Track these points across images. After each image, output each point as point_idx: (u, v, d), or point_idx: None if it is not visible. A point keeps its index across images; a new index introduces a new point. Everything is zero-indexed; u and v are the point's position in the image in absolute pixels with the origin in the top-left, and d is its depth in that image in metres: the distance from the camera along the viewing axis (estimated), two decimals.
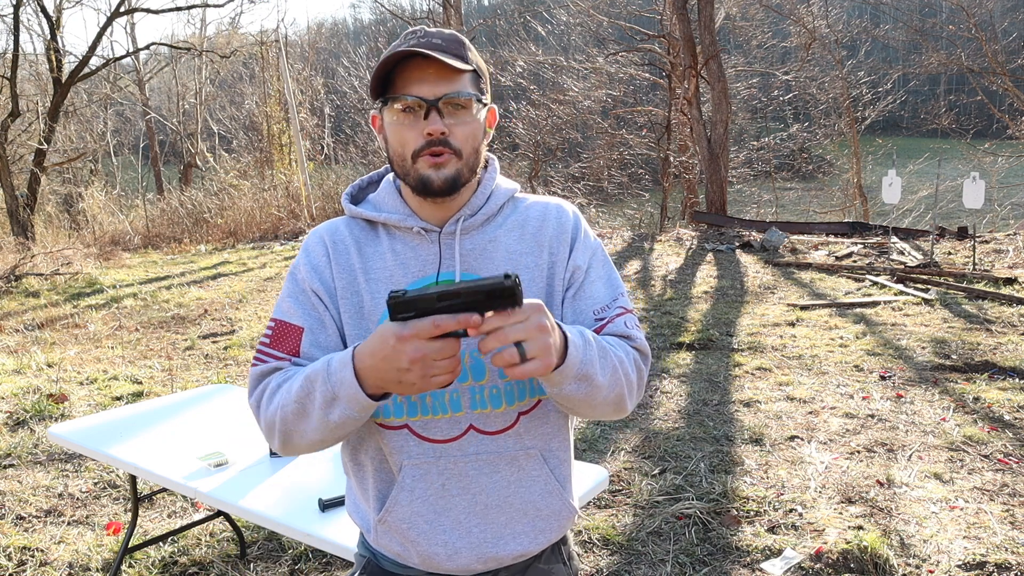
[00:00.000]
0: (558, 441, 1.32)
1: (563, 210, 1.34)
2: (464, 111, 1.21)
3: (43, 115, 15.82)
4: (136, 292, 9.28)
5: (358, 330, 1.26)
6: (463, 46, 1.23)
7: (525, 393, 1.26)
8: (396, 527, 1.27)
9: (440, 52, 1.18)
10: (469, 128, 1.22)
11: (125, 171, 26.66)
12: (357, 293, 1.26)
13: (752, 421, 4.53)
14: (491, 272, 1.26)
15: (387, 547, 1.31)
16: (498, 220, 1.31)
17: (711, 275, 9.29)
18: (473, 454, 1.25)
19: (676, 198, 20.38)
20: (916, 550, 3.06)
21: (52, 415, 4.89)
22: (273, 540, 3.24)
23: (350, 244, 1.29)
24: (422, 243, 1.27)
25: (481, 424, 1.25)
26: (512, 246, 1.29)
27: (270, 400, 1.21)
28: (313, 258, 1.29)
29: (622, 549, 3.16)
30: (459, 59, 1.20)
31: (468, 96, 1.21)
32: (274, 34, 19.62)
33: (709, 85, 13.62)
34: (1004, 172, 21.57)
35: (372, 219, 1.29)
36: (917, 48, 23.77)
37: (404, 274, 1.26)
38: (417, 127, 1.19)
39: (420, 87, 1.18)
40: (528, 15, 23.17)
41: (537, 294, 1.27)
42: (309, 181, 15.69)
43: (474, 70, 1.23)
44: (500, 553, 1.28)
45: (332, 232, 1.31)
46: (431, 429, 1.25)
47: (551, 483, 1.30)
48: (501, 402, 1.25)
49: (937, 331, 6.32)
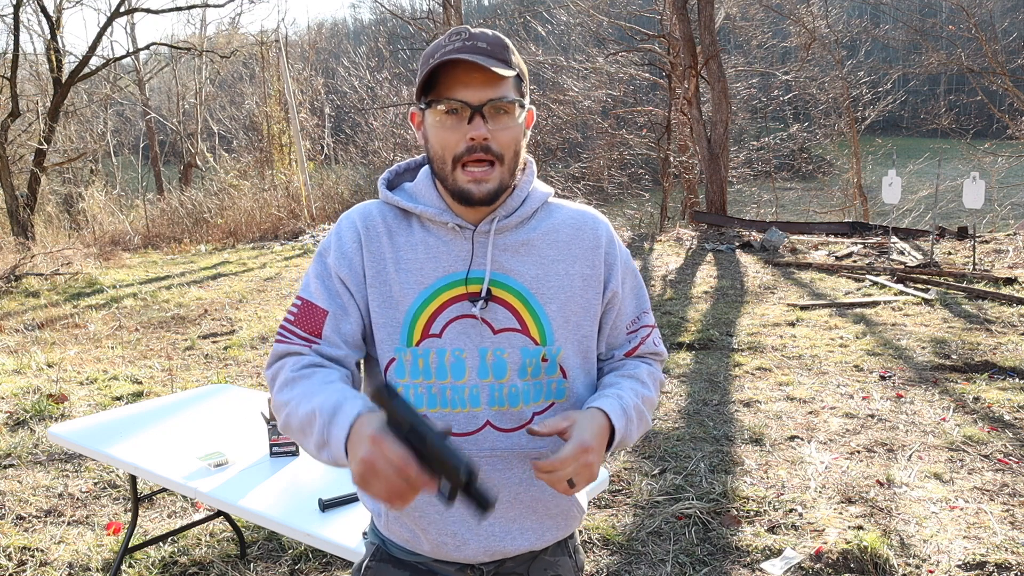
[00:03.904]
0: None
1: (598, 222, 1.36)
2: (507, 116, 1.22)
3: (43, 115, 15.82)
4: (136, 292, 9.28)
5: (384, 318, 1.27)
6: (507, 49, 1.23)
7: (540, 394, 1.29)
8: (407, 514, 1.30)
9: (486, 56, 1.19)
10: (511, 133, 1.22)
11: (125, 171, 26.67)
12: (386, 282, 1.27)
13: (752, 421, 4.53)
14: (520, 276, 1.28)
15: (397, 533, 1.33)
16: (532, 224, 1.32)
17: (711, 275, 9.29)
18: (488, 450, 1.27)
19: (676, 198, 20.39)
20: (916, 550, 3.06)
21: (52, 415, 4.89)
22: (273, 540, 3.24)
23: (382, 231, 1.29)
24: (455, 239, 1.28)
25: (497, 421, 1.27)
26: (545, 252, 1.30)
27: (282, 388, 1.23)
28: (345, 244, 1.29)
29: (622, 549, 3.16)
30: (504, 63, 1.21)
31: (512, 101, 1.21)
32: (274, 34, 19.65)
33: (709, 85, 13.62)
34: (1004, 172, 21.56)
35: (407, 209, 1.30)
36: (917, 48, 23.76)
37: (435, 267, 1.27)
38: (460, 130, 1.20)
39: (465, 91, 1.19)
40: (528, 15, 23.16)
41: (564, 301, 1.29)
42: (309, 181, 15.70)
43: (517, 74, 1.24)
44: (507, 547, 1.31)
45: (365, 217, 1.31)
46: (449, 422, 1.26)
47: None
48: (518, 401, 1.27)
49: (937, 331, 6.32)
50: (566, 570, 1.41)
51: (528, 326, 1.27)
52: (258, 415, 2.82)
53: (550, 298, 1.28)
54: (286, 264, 11.14)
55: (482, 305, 1.25)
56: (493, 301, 1.26)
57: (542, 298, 1.27)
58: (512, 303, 1.27)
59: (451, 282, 1.26)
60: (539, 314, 1.27)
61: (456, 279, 1.26)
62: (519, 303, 1.27)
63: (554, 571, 1.39)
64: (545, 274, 1.28)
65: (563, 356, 1.28)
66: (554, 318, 1.27)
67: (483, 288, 1.25)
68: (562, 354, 1.28)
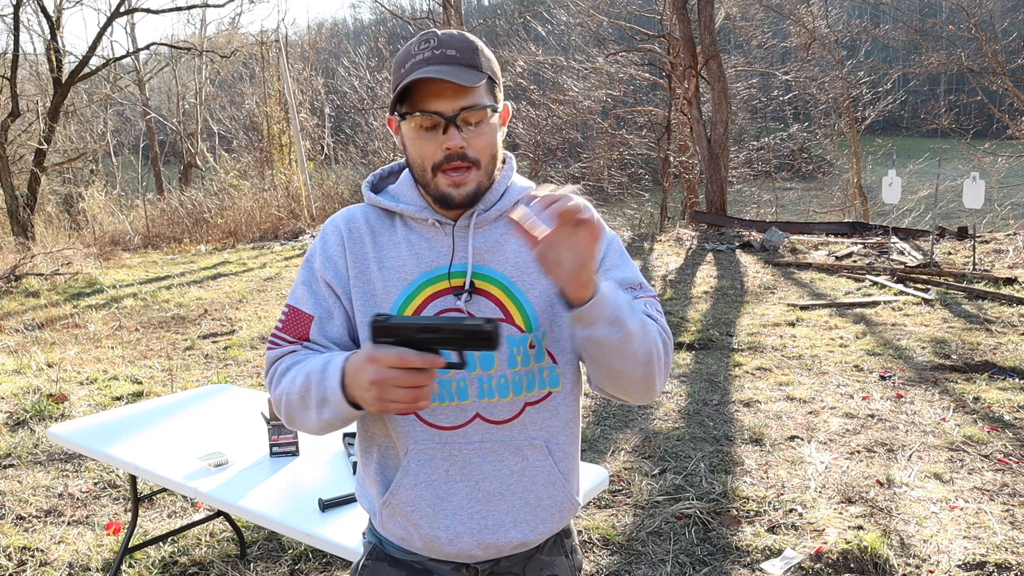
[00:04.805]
0: (565, 435, 1.34)
1: None
2: (481, 122, 1.24)
3: (43, 115, 15.82)
4: (136, 292, 9.28)
5: (368, 316, 1.29)
6: (477, 53, 1.25)
7: (534, 384, 1.29)
8: (400, 510, 1.30)
9: (455, 66, 1.20)
10: (486, 138, 1.25)
11: (125, 171, 26.66)
12: (369, 282, 1.30)
13: (752, 421, 4.53)
14: (501, 266, 1.29)
15: (391, 531, 1.34)
16: None
17: (711, 275, 9.29)
18: (478, 442, 1.28)
19: (676, 198, 20.39)
20: (916, 550, 3.06)
21: (52, 415, 4.89)
22: (273, 540, 3.25)
23: (365, 233, 1.32)
24: (436, 235, 1.30)
25: (487, 413, 1.28)
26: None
27: (279, 381, 1.29)
28: (329, 248, 1.33)
29: (622, 549, 3.16)
30: (474, 68, 1.23)
31: (484, 108, 1.23)
32: (274, 34, 19.65)
33: (709, 85, 13.62)
34: (1004, 172, 21.56)
35: (390, 209, 1.33)
36: (917, 48, 23.76)
37: (417, 264, 1.29)
38: (435, 141, 1.23)
39: (438, 103, 1.21)
40: (528, 15, 23.17)
41: (547, 287, 1.29)
42: (309, 181, 15.70)
43: (489, 76, 1.25)
44: (500, 540, 1.30)
45: (348, 220, 1.35)
46: (438, 416, 1.27)
47: (554, 474, 1.32)
48: (508, 392, 1.28)
49: (937, 331, 6.32)
50: (563, 570, 1.40)
51: (513, 315, 1.27)
52: (258, 415, 2.82)
53: (531, 284, 1.28)
54: (286, 264, 11.14)
55: (466, 298, 1.26)
56: (477, 293, 1.27)
57: (524, 286, 1.28)
58: (495, 294, 1.28)
59: (434, 277, 1.28)
60: (523, 302, 1.28)
61: (439, 274, 1.28)
62: (502, 293, 1.28)
63: (550, 571, 1.38)
64: (525, 262, 1.29)
65: (549, 340, 1.29)
66: (538, 305, 1.28)
67: (466, 281, 1.27)
68: (548, 338, 1.28)
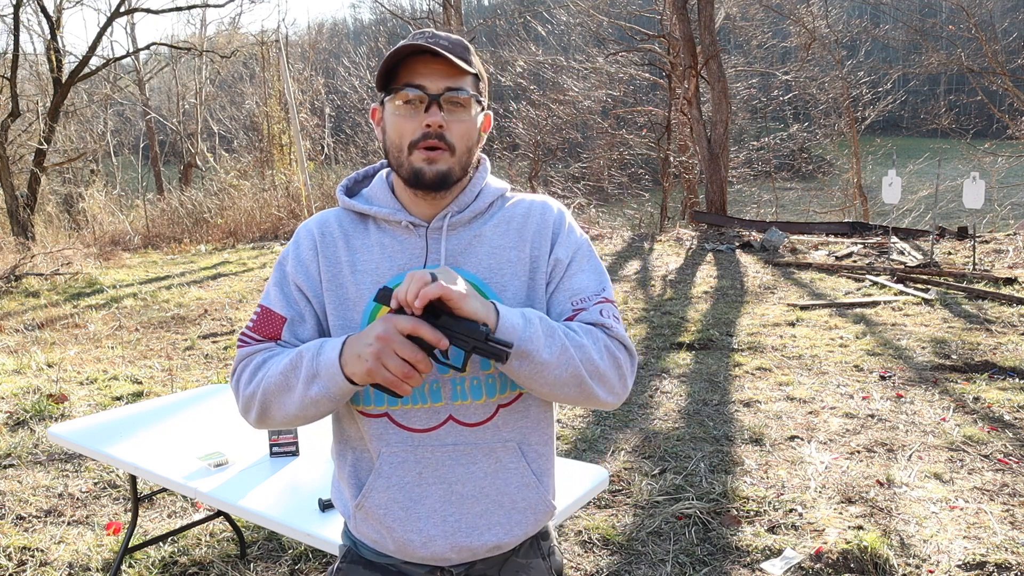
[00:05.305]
0: (537, 435, 1.34)
1: (547, 206, 1.36)
2: (463, 109, 1.25)
3: (43, 115, 15.82)
4: (136, 292, 9.28)
5: (342, 319, 1.29)
6: (468, 51, 1.28)
7: (507, 386, 1.29)
8: (372, 512, 1.30)
9: (446, 52, 1.22)
10: (465, 126, 1.26)
11: (125, 171, 26.67)
12: (342, 285, 1.30)
13: (752, 421, 4.53)
14: (475, 267, 1.30)
15: (365, 534, 1.34)
16: (485, 217, 1.34)
17: (711, 275, 9.29)
18: (451, 444, 1.27)
19: (676, 198, 20.40)
20: (916, 550, 3.06)
21: (52, 415, 4.89)
22: (273, 540, 3.24)
23: (338, 236, 1.32)
24: (410, 237, 1.30)
25: (460, 415, 1.27)
26: (496, 241, 1.31)
27: (253, 374, 1.27)
28: (301, 251, 1.33)
29: (622, 549, 3.16)
30: (463, 61, 1.25)
31: (468, 95, 1.25)
32: (274, 34, 19.66)
33: (709, 85, 13.62)
34: (1004, 172, 21.57)
35: (363, 212, 1.33)
36: (917, 48, 23.76)
37: (390, 266, 1.29)
38: (416, 118, 1.24)
39: (424, 80, 1.23)
40: (528, 15, 23.18)
41: (519, 287, 1.29)
42: (309, 181, 15.69)
43: (475, 74, 1.28)
44: (474, 543, 1.29)
45: (321, 224, 1.35)
46: (411, 418, 1.27)
47: (527, 476, 1.31)
48: (481, 394, 1.27)
49: (937, 331, 6.32)
50: (540, 573, 1.38)
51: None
52: None
53: (504, 286, 1.29)
54: None
55: None
56: None
57: (497, 287, 1.28)
58: None
59: None
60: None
61: None
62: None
63: (526, 573, 1.37)
64: (498, 263, 1.29)
65: None
66: (511, 305, 1.28)
67: None
68: None
